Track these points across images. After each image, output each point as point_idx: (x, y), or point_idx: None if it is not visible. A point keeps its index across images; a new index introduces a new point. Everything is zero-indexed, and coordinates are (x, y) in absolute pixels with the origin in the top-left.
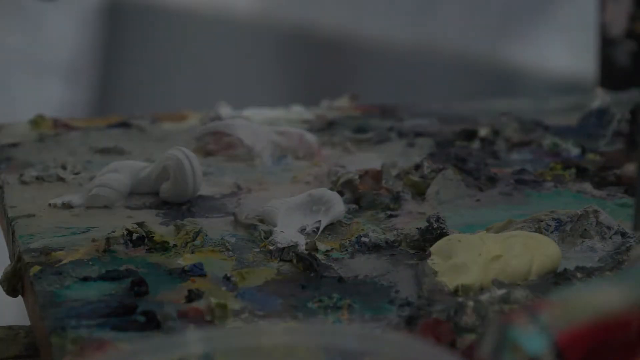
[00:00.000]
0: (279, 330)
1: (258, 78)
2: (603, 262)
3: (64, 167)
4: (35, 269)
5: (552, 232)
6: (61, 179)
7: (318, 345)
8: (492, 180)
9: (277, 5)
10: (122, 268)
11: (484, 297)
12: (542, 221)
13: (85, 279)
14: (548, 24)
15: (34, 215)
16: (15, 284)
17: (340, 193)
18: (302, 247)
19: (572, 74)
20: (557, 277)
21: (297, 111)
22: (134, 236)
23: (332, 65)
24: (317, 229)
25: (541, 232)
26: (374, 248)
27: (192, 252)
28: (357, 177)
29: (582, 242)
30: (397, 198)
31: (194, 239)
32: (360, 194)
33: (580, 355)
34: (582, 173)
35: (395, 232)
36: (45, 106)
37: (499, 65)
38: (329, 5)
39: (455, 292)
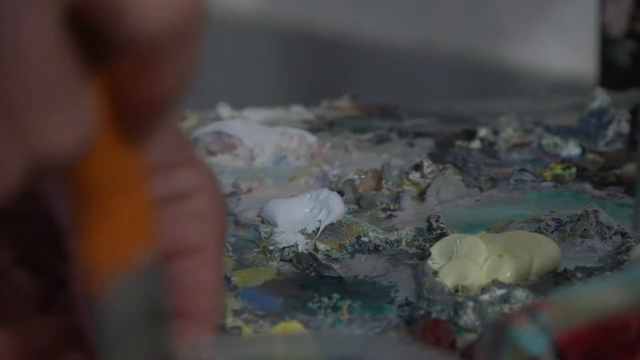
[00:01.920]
0: (281, 338)
1: (258, 78)
2: (603, 262)
3: None
4: None
5: (552, 232)
6: None
7: (320, 352)
8: (492, 180)
9: (277, 5)
10: None
11: (484, 297)
12: (542, 221)
13: None
14: (548, 24)
15: None
16: None
17: (340, 193)
18: (302, 247)
19: (572, 74)
20: (557, 277)
21: (297, 111)
22: None
23: (332, 65)
24: (317, 229)
25: (541, 232)
26: (374, 248)
27: None
28: (357, 177)
29: (582, 242)
30: (397, 198)
31: None
32: (361, 194)
33: (580, 355)
34: (582, 173)
35: (395, 232)
36: None
37: (499, 65)
38: (329, 5)
39: (455, 292)
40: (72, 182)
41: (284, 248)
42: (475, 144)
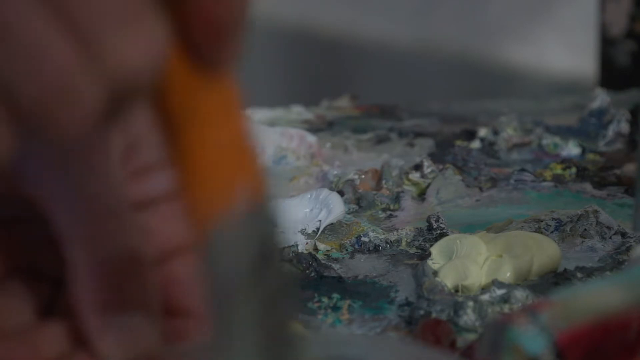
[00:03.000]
0: None
1: (258, 78)
2: (603, 262)
3: None
4: None
5: (552, 232)
6: None
7: (321, 353)
8: (492, 180)
9: (277, 5)
10: None
11: (484, 297)
12: (542, 221)
13: None
14: (548, 23)
15: None
16: None
17: (340, 193)
18: (302, 247)
19: (572, 74)
20: (557, 277)
21: (297, 111)
22: None
23: (332, 65)
24: (317, 229)
25: (541, 232)
26: (374, 248)
27: None
28: (357, 177)
29: (582, 242)
30: (397, 198)
31: None
32: (360, 194)
33: (580, 355)
34: (582, 173)
35: (395, 232)
36: None
37: (499, 65)
38: (329, 5)
39: (455, 292)
40: (157, 116)
41: (284, 248)
42: (475, 144)
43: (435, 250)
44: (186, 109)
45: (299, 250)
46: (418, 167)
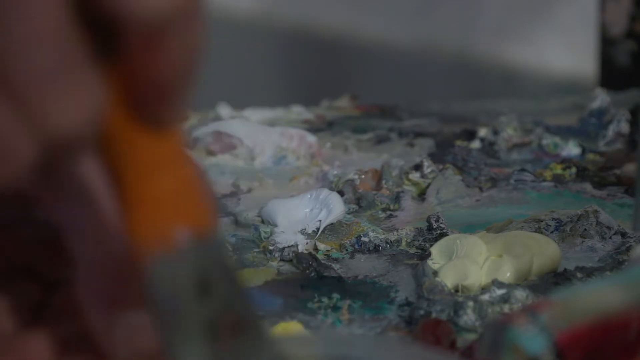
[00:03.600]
0: (282, 339)
1: (258, 78)
2: (603, 262)
3: None
4: None
5: (552, 232)
6: None
7: (321, 353)
8: (492, 180)
9: (277, 5)
10: None
11: (484, 297)
12: (542, 221)
13: None
14: (548, 23)
15: None
16: None
17: (340, 193)
18: (302, 247)
19: (572, 74)
20: (557, 277)
21: (297, 111)
22: None
23: (332, 65)
24: (317, 229)
25: (541, 232)
26: (374, 248)
27: None
28: (357, 177)
29: (582, 242)
30: (397, 198)
31: None
32: (360, 194)
33: (580, 355)
34: (582, 173)
35: (395, 232)
36: None
37: (499, 65)
38: (329, 5)
39: (455, 292)
40: (104, 165)
41: (284, 248)
42: (475, 144)
43: (435, 250)
44: (128, 161)
45: (299, 250)
46: (418, 167)
